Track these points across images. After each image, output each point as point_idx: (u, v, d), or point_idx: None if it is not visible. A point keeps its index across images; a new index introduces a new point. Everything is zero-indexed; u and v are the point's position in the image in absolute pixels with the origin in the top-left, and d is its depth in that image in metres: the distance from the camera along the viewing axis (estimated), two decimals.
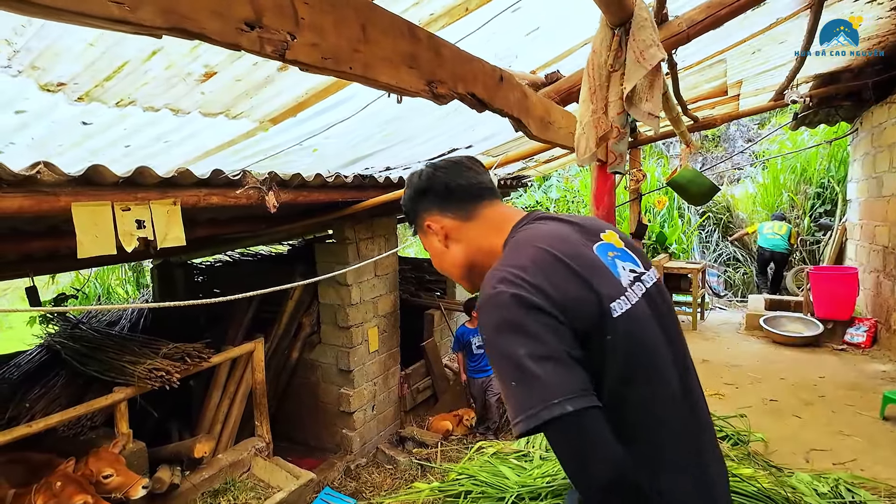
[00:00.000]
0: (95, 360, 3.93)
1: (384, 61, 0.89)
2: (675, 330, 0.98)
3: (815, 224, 7.72)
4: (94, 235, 2.54)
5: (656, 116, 1.08)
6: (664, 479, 0.86)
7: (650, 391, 0.88)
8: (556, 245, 0.91)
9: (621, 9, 1.03)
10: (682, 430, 0.90)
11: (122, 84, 1.60)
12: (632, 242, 1.04)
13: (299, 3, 0.71)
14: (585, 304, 0.86)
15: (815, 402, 3.67)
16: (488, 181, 1.09)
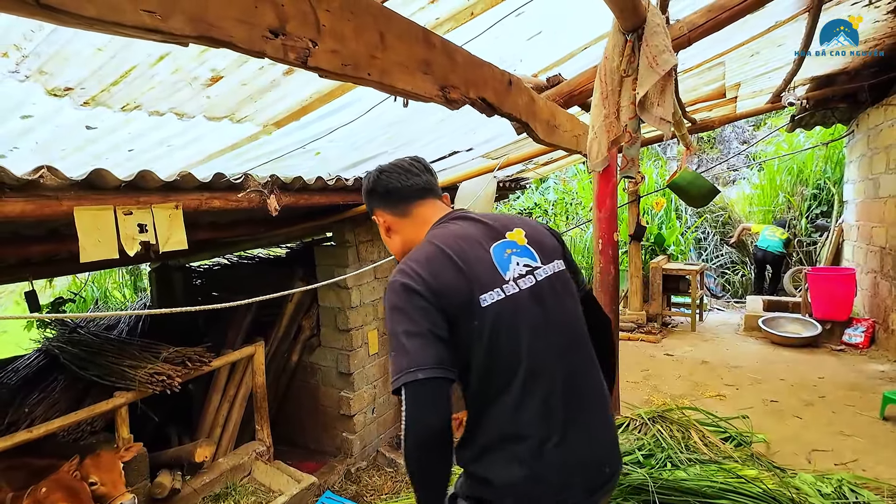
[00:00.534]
0: (95, 365, 3.91)
1: (400, 67, 0.89)
2: (565, 314, 1.15)
3: (811, 225, 7.77)
4: (96, 240, 2.53)
5: (668, 121, 1.08)
6: (511, 440, 1.05)
7: (512, 368, 1.06)
8: (450, 243, 1.12)
9: (635, 14, 1.04)
10: (546, 403, 1.06)
11: (129, 89, 1.60)
12: (541, 238, 1.21)
13: (321, 10, 0.71)
14: (458, 293, 1.06)
15: (816, 402, 3.69)
16: (424, 182, 1.27)
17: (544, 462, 1.04)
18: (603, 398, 1.19)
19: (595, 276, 3.04)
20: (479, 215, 1.22)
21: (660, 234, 7.59)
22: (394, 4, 1.64)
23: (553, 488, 1.05)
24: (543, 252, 1.18)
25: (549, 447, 1.05)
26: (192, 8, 0.55)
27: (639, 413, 2.69)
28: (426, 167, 1.32)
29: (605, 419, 1.17)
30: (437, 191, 1.32)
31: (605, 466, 1.13)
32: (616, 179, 2.95)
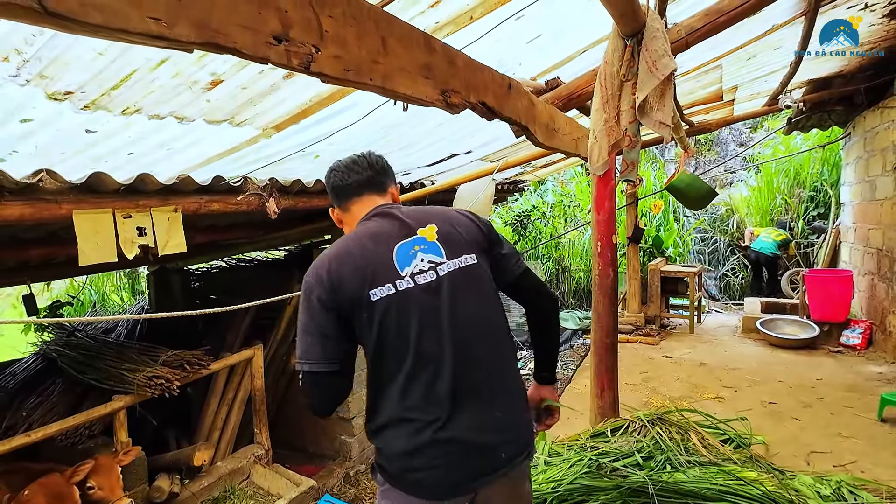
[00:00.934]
0: (93, 368, 3.90)
1: (402, 72, 0.89)
2: (466, 308, 1.23)
3: (808, 227, 7.79)
4: (95, 243, 2.53)
5: (668, 125, 1.09)
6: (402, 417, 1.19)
7: (400, 356, 1.18)
8: (358, 241, 1.26)
9: (634, 19, 1.05)
10: (433, 389, 1.17)
11: (129, 92, 1.60)
12: (454, 232, 1.28)
13: (324, 16, 0.71)
14: (351, 289, 1.20)
15: (814, 404, 3.70)
16: (365, 179, 1.36)
17: (427, 442, 1.17)
18: (505, 387, 1.26)
19: (594, 278, 3.04)
20: (401, 211, 1.32)
21: (658, 237, 7.60)
22: (394, 9, 1.65)
23: (434, 465, 1.18)
24: (452, 247, 1.26)
25: (432, 429, 1.17)
26: (197, 15, 0.55)
27: (638, 415, 2.69)
28: (371, 163, 1.39)
29: (506, 407, 1.24)
30: (381, 185, 1.39)
31: (500, 451, 1.21)
32: (615, 182, 2.95)
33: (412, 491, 1.20)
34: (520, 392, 1.32)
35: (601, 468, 2.22)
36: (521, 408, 1.29)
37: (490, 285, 1.31)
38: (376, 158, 1.42)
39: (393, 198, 1.42)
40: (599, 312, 3.01)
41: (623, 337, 5.72)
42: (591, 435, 2.72)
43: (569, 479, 2.15)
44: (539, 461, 2.42)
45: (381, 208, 1.34)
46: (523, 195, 10.06)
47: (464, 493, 1.21)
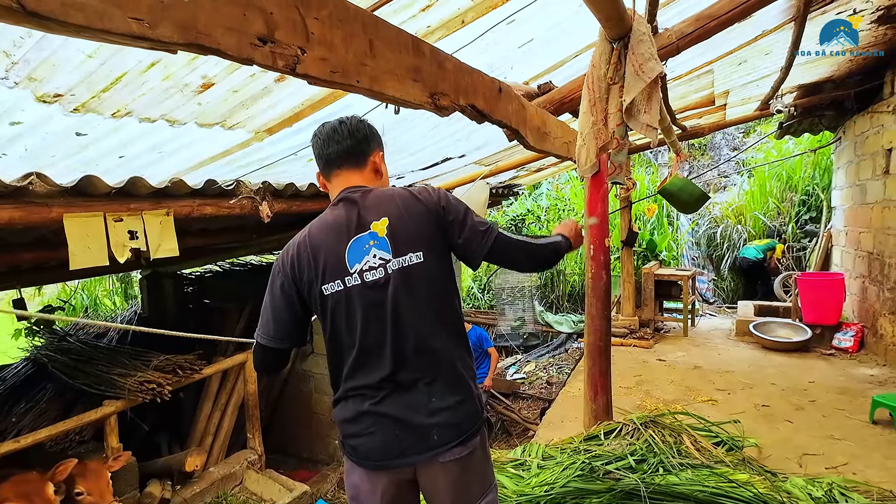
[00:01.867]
0: (84, 373, 3.86)
1: (390, 75, 0.90)
2: (412, 304, 1.30)
3: (801, 231, 7.85)
4: (86, 247, 2.51)
5: (655, 128, 1.09)
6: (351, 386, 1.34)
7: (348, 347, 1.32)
8: (316, 233, 1.35)
9: (621, 23, 1.06)
10: (371, 370, 1.31)
11: (120, 95, 1.60)
12: (406, 227, 1.31)
13: (310, 18, 0.71)
14: (308, 281, 1.33)
15: (806, 406, 3.71)
16: (346, 148, 1.38)
17: (365, 410, 1.32)
18: (446, 378, 1.33)
19: (587, 281, 3.05)
20: (362, 198, 1.35)
21: (652, 240, 7.63)
22: (385, 13, 1.66)
23: (368, 432, 1.31)
24: (402, 243, 1.30)
25: (371, 402, 1.31)
26: (180, 16, 0.55)
27: (631, 418, 2.69)
28: (352, 130, 1.38)
29: (444, 395, 1.31)
30: (360, 156, 1.41)
31: (431, 433, 1.29)
32: (607, 185, 2.97)
33: (352, 456, 1.36)
34: (463, 385, 1.36)
35: (594, 471, 2.22)
36: (461, 399, 1.34)
37: (437, 281, 1.34)
38: (357, 125, 1.40)
39: (374, 167, 1.43)
40: (593, 316, 3.02)
41: (617, 340, 5.73)
42: (584, 438, 2.72)
43: (562, 482, 2.14)
44: (532, 464, 2.42)
45: (347, 193, 1.37)
46: (518, 199, 10.09)
47: (396, 466, 1.32)
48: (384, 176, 1.49)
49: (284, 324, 1.36)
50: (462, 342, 1.42)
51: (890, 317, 4.41)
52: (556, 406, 4.25)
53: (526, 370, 7.51)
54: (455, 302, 1.41)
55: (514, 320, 7.27)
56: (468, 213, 1.38)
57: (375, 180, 1.45)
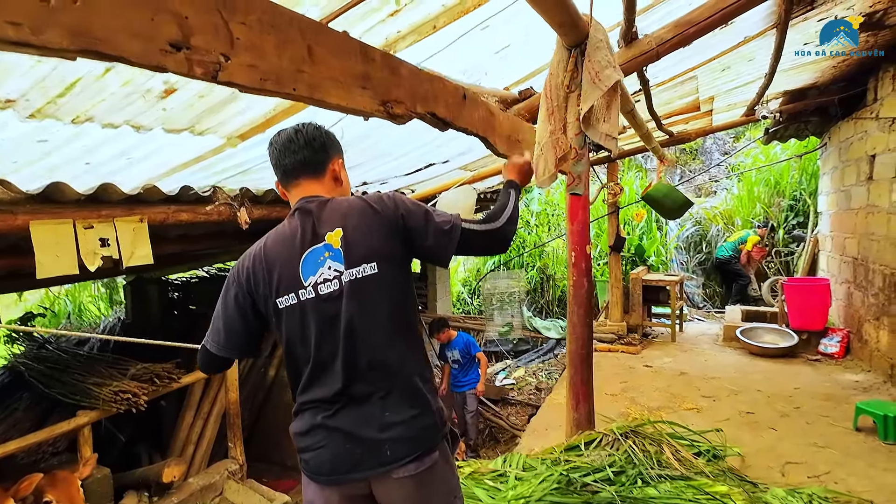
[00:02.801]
0: (60, 382, 3.78)
1: (333, 82, 0.86)
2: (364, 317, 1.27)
3: (789, 236, 7.88)
4: (54, 255, 2.45)
5: (614, 137, 1.06)
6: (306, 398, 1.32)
7: (303, 360, 1.31)
8: (272, 246, 1.34)
9: (575, 30, 1.02)
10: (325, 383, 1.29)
11: (77, 101, 1.55)
12: (360, 238, 1.28)
13: (235, 24, 0.68)
14: (263, 294, 1.32)
15: (791, 413, 3.70)
16: (300, 161, 1.34)
17: (317, 424, 1.30)
18: (401, 392, 1.30)
19: (568, 288, 3.02)
20: (318, 209, 1.32)
21: (640, 245, 7.63)
22: (352, 17, 1.63)
23: (319, 445, 1.29)
24: (356, 254, 1.28)
25: (323, 415, 1.30)
26: (72, 21, 0.51)
27: (611, 429, 2.66)
28: (309, 140, 1.33)
29: (398, 410, 1.29)
30: (318, 165, 1.37)
31: (384, 448, 1.27)
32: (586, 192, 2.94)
33: (305, 470, 1.35)
34: (420, 398, 1.33)
35: (571, 483, 2.18)
36: (417, 413, 1.31)
37: (392, 292, 1.31)
38: (314, 133, 1.34)
39: (333, 175, 1.40)
40: (574, 323, 2.98)
41: (604, 346, 5.71)
42: (564, 448, 2.68)
43: (538, 495, 2.10)
44: (510, 476, 2.37)
45: (303, 203, 1.35)
46: None
47: (347, 480, 1.29)
48: (345, 183, 1.46)
49: (236, 335, 1.36)
50: (420, 355, 1.39)
51: (874, 322, 4.41)
52: (541, 413, 4.21)
53: (515, 376, 7.47)
54: (412, 314, 1.38)
55: (503, 326, 7.24)
56: (429, 216, 1.35)
57: (335, 188, 1.42)
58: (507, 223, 1.45)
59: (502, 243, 1.46)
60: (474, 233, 1.39)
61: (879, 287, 4.30)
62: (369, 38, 1.79)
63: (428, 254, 1.37)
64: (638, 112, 2.81)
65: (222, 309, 1.37)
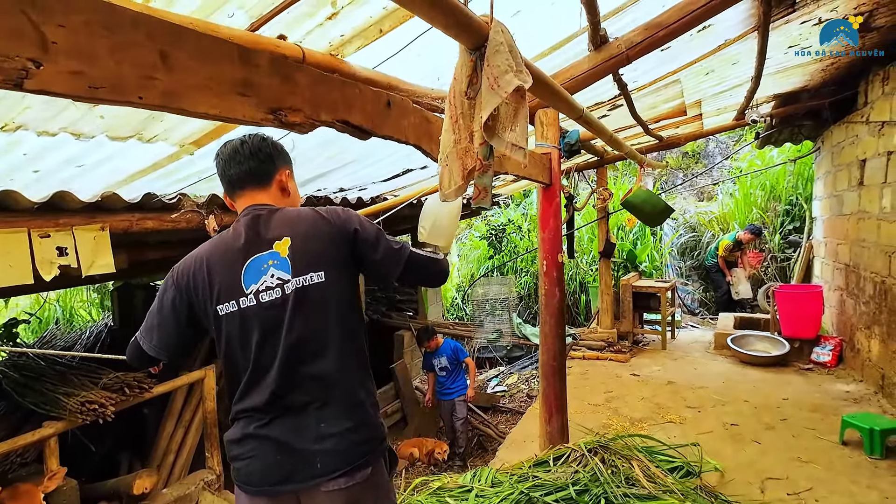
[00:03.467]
0: (33, 391, 3.73)
1: (198, 89, 0.79)
2: (307, 326, 1.26)
3: (784, 241, 7.76)
4: (6, 264, 2.39)
5: (521, 147, 1.00)
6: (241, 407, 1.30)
7: (242, 367, 1.29)
8: (213, 251, 1.32)
9: (468, 32, 0.96)
10: (261, 392, 1.26)
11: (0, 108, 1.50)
12: (309, 247, 1.27)
13: (50, 26, 0.61)
14: (201, 300, 1.30)
15: (777, 425, 3.60)
16: (245, 172, 1.35)
17: (250, 433, 1.28)
18: (339, 403, 1.28)
19: (540, 298, 2.95)
20: (265, 218, 1.32)
21: (632, 251, 7.54)
22: (286, 20, 1.57)
23: (251, 455, 1.27)
24: (303, 263, 1.27)
25: (256, 424, 1.27)
26: None
27: (579, 444, 2.57)
28: (254, 151, 1.35)
29: (334, 421, 1.26)
30: (264, 176, 1.37)
31: (315, 460, 1.24)
32: (559, 200, 2.88)
33: (236, 479, 1.33)
34: (359, 411, 1.31)
35: (532, 502, 2.10)
36: (354, 426, 1.29)
37: (338, 302, 1.30)
38: (260, 144, 1.37)
39: (280, 185, 1.40)
40: (546, 334, 2.91)
41: (593, 354, 5.62)
42: (534, 463, 2.60)
43: None
44: (470, 496, 2.29)
45: (251, 211, 1.34)
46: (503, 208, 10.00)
47: (276, 492, 1.27)
48: (293, 195, 1.45)
49: (167, 337, 1.35)
50: (363, 366, 1.37)
51: (866, 331, 4.30)
52: (522, 424, 4.13)
53: (508, 382, 7.39)
54: (357, 324, 1.36)
55: (492, 332, 7.15)
56: (380, 234, 1.37)
57: (283, 199, 1.41)
58: (445, 260, 1.50)
59: (442, 275, 1.50)
60: (422, 259, 1.41)
61: (870, 295, 4.20)
62: (311, 43, 1.74)
63: (376, 269, 1.37)
64: (594, 118, 2.74)
65: (157, 309, 1.36)
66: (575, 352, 5.73)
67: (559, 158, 2.88)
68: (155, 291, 6.51)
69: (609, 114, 4.21)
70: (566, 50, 2.78)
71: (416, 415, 6.30)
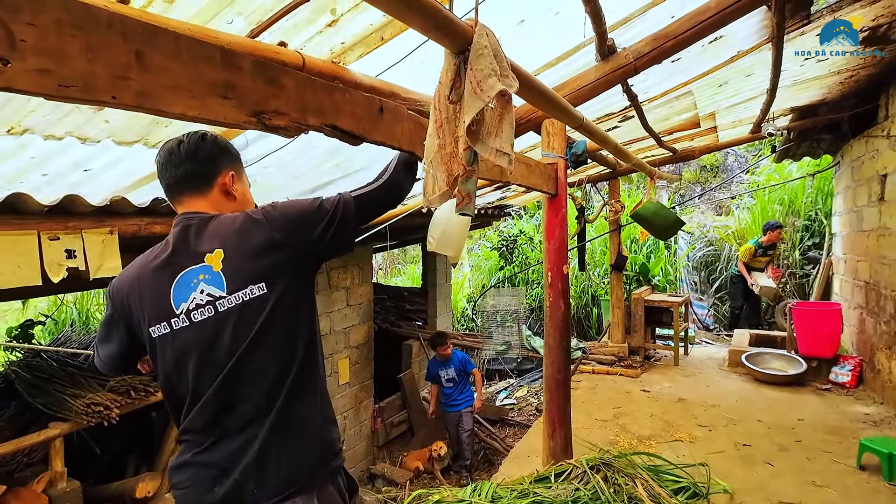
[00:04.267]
0: (43, 392, 3.78)
1: (175, 90, 0.79)
2: (245, 346, 1.16)
3: (803, 257, 7.58)
4: (16, 266, 2.44)
5: (506, 153, 0.97)
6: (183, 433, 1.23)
7: (181, 390, 1.20)
8: (143, 268, 1.23)
9: (451, 35, 0.94)
10: (200, 416, 1.18)
11: (4, 112, 1.53)
12: (243, 260, 1.17)
13: (18, 24, 0.61)
14: (137, 321, 1.23)
15: (791, 447, 3.48)
16: (182, 175, 1.25)
17: (188, 460, 1.20)
18: (281, 427, 1.19)
19: (545, 310, 2.91)
20: (198, 228, 1.22)
21: (644, 264, 7.42)
22: (284, 27, 1.58)
23: (189, 483, 1.19)
24: (237, 278, 1.17)
25: (194, 451, 1.19)
26: None
27: (581, 460, 2.51)
28: (191, 152, 1.25)
29: (271, 446, 1.17)
30: (202, 180, 1.27)
31: (249, 486, 1.16)
32: (565, 210, 2.84)
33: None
34: (305, 432, 1.22)
35: None
36: (298, 449, 1.20)
37: (282, 316, 1.19)
38: (198, 144, 1.26)
39: (223, 189, 1.29)
40: (550, 346, 2.86)
41: (603, 368, 5.52)
42: (535, 479, 2.55)
43: None
44: None
45: (183, 220, 1.24)
46: (516, 219, 9.95)
47: None
48: (240, 198, 1.33)
49: (112, 353, 1.31)
50: (310, 384, 1.25)
51: (886, 351, 4.16)
52: (527, 438, 4.06)
53: (517, 395, 7.30)
54: (307, 337, 1.25)
55: (500, 344, 7.08)
56: (319, 205, 1.24)
57: (227, 204, 1.29)
58: (392, 175, 1.36)
59: (397, 190, 1.37)
60: (364, 195, 1.30)
61: (891, 314, 4.06)
62: (312, 51, 1.74)
63: (331, 245, 1.25)
64: (597, 128, 2.70)
65: (103, 325, 1.31)
66: (585, 366, 5.64)
67: (565, 169, 2.85)
68: None
69: (620, 125, 4.17)
70: (573, 61, 2.76)
71: (423, 425, 6.24)
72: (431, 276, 7.29)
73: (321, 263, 1.35)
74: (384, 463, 5.77)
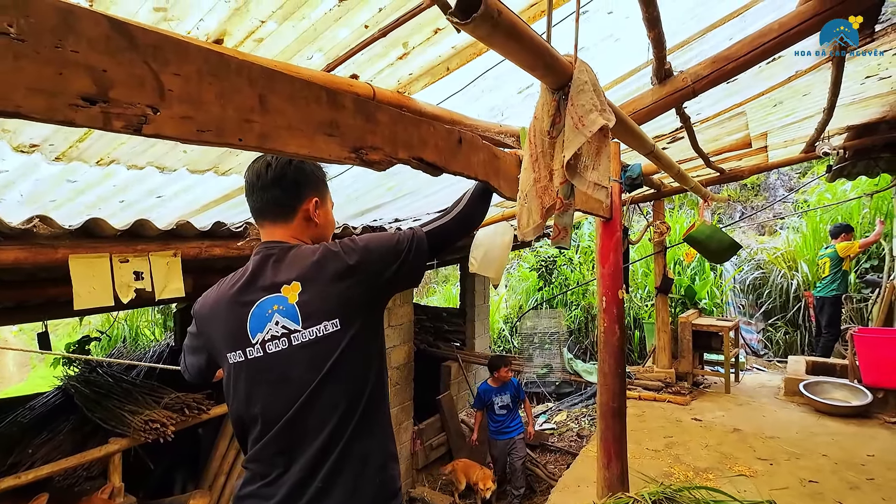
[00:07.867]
0: (101, 407, 3.92)
1: (290, 130, 0.82)
2: (317, 381, 1.15)
3: (861, 281, 7.22)
4: (90, 287, 2.56)
5: (604, 186, 0.97)
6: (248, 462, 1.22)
7: (251, 420, 1.19)
8: (223, 294, 1.24)
9: (552, 73, 0.95)
10: (270, 448, 1.16)
11: (99, 144, 1.62)
12: (318, 295, 1.16)
13: (167, 75, 0.65)
14: (217, 347, 1.24)
15: (863, 485, 3.26)
16: (265, 203, 1.26)
17: (252, 491, 1.18)
18: (342, 463, 1.17)
19: (599, 335, 2.84)
20: (277, 258, 1.22)
21: (690, 287, 7.21)
22: (359, 61, 1.63)
23: None
24: (314, 311, 1.16)
25: (259, 483, 1.18)
26: None
27: (642, 493, 2.42)
28: (276, 178, 1.24)
29: (332, 482, 1.16)
30: (285, 209, 1.27)
31: None
32: (619, 234, 2.80)
33: None
34: (363, 473, 1.19)
35: None
36: (357, 490, 1.17)
37: (355, 353, 1.18)
38: (283, 169, 1.25)
39: (305, 216, 1.28)
40: (605, 373, 2.79)
41: (650, 394, 5.35)
42: None
43: None
44: None
45: (264, 249, 1.25)
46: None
47: None
48: (322, 224, 1.32)
49: (198, 368, 1.36)
50: (376, 420, 1.24)
51: None
52: (575, 467, 3.94)
53: (556, 420, 7.14)
54: (376, 374, 1.24)
55: (541, 367, 6.96)
56: (397, 240, 1.25)
57: (307, 230, 1.29)
58: (465, 207, 1.40)
59: (469, 221, 1.41)
60: (437, 229, 1.34)
61: None
62: (381, 82, 1.79)
63: (404, 280, 1.27)
64: (663, 153, 2.67)
65: (189, 335, 1.36)
66: (630, 391, 5.47)
67: (620, 192, 2.81)
68: None
69: (669, 146, 4.11)
70: (626, 84, 2.76)
71: (462, 448, 6.16)
72: (470, 296, 7.26)
73: (391, 298, 1.35)
74: (424, 487, 5.71)
